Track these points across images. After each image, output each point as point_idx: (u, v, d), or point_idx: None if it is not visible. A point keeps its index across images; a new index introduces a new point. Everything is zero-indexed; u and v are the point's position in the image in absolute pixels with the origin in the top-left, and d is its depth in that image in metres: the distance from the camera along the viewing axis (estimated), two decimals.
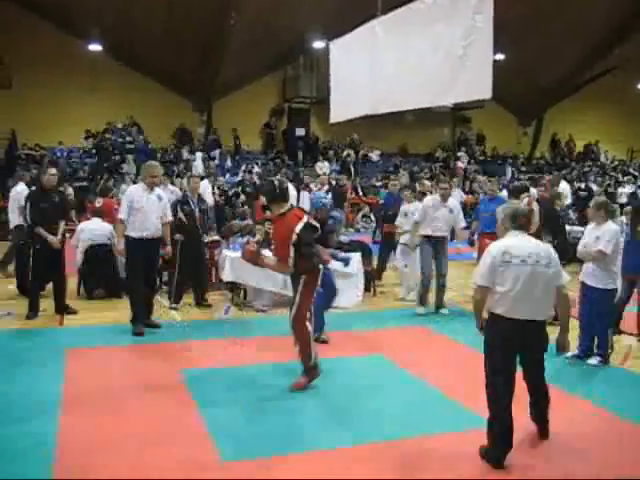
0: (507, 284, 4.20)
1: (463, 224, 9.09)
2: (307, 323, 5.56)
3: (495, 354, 4.30)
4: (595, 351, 6.56)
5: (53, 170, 8.29)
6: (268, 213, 8.44)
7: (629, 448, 4.63)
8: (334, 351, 6.79)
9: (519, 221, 4.43)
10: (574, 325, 7.03)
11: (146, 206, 7.35)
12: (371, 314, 8.72)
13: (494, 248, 4.32)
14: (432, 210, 8.66)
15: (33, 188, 8.70)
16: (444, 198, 8.77)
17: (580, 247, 6.61)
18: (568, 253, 7.83)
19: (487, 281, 4.27)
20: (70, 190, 15.81)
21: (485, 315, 4.40)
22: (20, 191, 10.24)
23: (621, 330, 7.46)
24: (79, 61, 19.69)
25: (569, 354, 6.69)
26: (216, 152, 21.61)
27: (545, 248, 4.40)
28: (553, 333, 4.56)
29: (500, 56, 18.57)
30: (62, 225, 8.11)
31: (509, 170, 24.41)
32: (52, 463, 4.12)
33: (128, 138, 20.94)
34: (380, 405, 5.34)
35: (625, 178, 22.80)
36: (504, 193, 13.14)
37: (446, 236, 8.85)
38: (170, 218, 7.83)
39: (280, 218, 5.51)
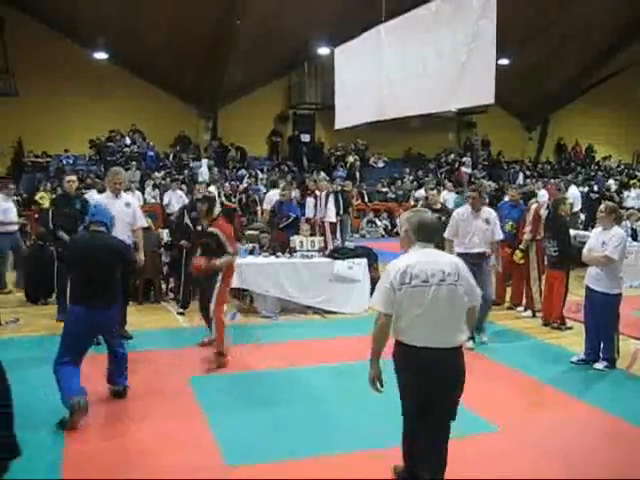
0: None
1: (500, 236, 7.69)
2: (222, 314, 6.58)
3: None
4: (601, 355, 6.55)
5: (72, 177, 8.43)
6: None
7: (634, 451, 4.62)
8: (340, 356, 6.80)
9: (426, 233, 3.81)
10: (580, 329, 7.05)
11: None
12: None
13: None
14: (464, 223, 7.46)
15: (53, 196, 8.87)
16: (475, 207, 7.49)
17: (585, 251, 6.60)
18: (574, 259, 7.80)
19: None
20: None
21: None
22: None
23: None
24: (85, 69, 19.79)
25: (575, 358, 6.70)
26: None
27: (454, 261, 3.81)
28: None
29: (504, 61, 18.60)
30: None
31: (520, 176, 24.20)
32: (59, 468, 4.14)
33: (132, 147, 21.01)
34: (385, 411, 5.33)
35: (631, 182, 22.75)
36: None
37: (485, 252, 7.40)
38: (142, 224, 7.74)
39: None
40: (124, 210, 7.43)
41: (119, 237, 7.22)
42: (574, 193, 15.65)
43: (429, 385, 3.62)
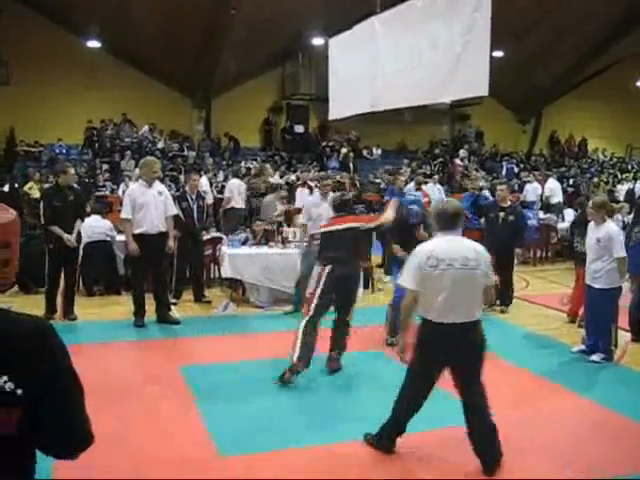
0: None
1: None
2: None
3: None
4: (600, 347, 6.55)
5: (72, 170, 8.09)
6: None
7: (626, 444, 4.65)
8: None
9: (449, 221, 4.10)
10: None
11: (147, 202, 7.46)
12: (370, 310, 8.72)
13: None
14: None
15: (46, 186, 8.65)
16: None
17: (588, 262, 6.54)
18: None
19: None
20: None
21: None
22: None
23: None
24: (77, 58, 19.67)
25: (575, 348, 6.73)
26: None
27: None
28: None
29: (499, 53, 18.58)
30: (78, 224, 7.81)
31: (515, 169, 24.04)
32: (51, 461, 4.12)
33: (127, 139, 20.98)
34: (379, 401, 5.34)
35: (623, 175, 22.81)
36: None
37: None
38: (173, 211, 7.84)
39: None
40: (158, 198, 7.59)
41: (156, 224, 7.46)
42: (555, 185, 15.67)
43: None
